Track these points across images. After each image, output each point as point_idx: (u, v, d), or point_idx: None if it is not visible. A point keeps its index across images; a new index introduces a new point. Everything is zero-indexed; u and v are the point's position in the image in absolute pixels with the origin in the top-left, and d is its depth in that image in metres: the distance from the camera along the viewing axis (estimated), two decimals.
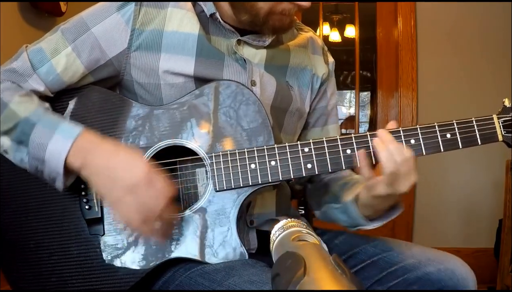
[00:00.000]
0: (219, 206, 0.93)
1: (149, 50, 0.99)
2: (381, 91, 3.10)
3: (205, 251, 0.92)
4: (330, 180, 1.14)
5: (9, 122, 0.90)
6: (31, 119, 0.90)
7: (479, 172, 2.79)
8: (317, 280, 0.42)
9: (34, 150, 0.88)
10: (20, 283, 0.97)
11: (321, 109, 1.19)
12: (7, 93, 0.92)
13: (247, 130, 0.94)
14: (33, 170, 0.91)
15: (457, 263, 0.96)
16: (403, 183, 0.88)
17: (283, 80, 1.09)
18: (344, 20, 4.79)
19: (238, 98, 0.95)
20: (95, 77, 1.01)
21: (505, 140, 0.94)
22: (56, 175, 0.89)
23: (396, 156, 0.88)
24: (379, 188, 0.90)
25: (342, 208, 1.02)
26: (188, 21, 1.00)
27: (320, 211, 1.13)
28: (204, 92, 0.96)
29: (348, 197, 1.00)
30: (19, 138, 0.89)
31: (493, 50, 2.82)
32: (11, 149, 0.91)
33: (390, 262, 0.99)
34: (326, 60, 1.19)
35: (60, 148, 0.87)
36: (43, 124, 0.89)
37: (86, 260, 0.94)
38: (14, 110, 0.90)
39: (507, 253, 2.26)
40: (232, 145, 0.94)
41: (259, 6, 0.96)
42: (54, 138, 0.88)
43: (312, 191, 1.19)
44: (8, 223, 0.98)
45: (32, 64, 0.96)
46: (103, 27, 0.98)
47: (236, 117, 0.95)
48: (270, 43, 1.06)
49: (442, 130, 0.93)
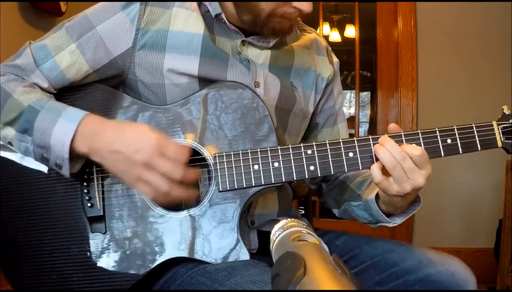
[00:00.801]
0: (221, 206, 0.93)
1: (154, 50, 0.99)
2: (381, 91, 3.10)
3: (207, 251, 0.92)
4: (346, 178, 1.14)
5: (13, 112, 0.90)
6: (34, 107, 0.90)
7: (479, 172, 2.79)
8: (317, 280, 0.42)
9: (39, 137, 0.88)
10: (20, 280, 0.97)
11: (329, 109, 1.20)
12: (10, 84, 0.93)
13: (251, 132, 0.95)
14: (38, 158, 0.91)
15: (457, 265, 0.96)
16: (415, 178, 0.88)
17: (287, 81, 1.09)
18: (344, 20, 4.79)
19: (242, 100, 0.95)
20: (99, 75, 1.01)
21: (504, 147, 0.96)
22: (62, 160, 0.89)
23: (395, 153, 0.88)
24: (392, 188, 0.90)
25: (363, 206, 1.03)
26: (193, 21, 1.00)
27: (340, 209, 1.15)
28: (208, 93, 0.96)
29: (368, 195, 1.01)
30: (24, 127, 0.89)
31: (493, 50, 2.82)
32: (15, 139, 0.91)
33: (391, 264, 1.00)
34: (330, 60, 1.20)
35: (65, 131, 0.87)
36: (47, 111, 0.89)
37: (87, 258, 0.94)
38: (18, 99, 0.91)
39: (507, 253, 2.26)
40: (235, 146, 0.94)
41: (261, 7, 0.96)
42: (59, 123, 0.88)
43: (328, 190, 1.20)
44: (9, 220, 0.98)
45: (36, 60, 0.96)
46: (107, 26, 0.98)
47: (239, 119, 0.95)
48: (274, 44, 1.06)
49: (443, 135, 0.94)
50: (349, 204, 1.09)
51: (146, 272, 0.92)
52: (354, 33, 3.85)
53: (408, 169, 0.88)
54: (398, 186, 0.89)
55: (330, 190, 1.19)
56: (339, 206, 1.15)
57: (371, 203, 0.99)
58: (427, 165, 0.90)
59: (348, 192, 1.11)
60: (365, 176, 1.10)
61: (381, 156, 0.90)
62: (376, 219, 1.01)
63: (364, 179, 1.10)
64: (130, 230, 0.94)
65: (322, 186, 1.22)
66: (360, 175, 1.12)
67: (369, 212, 1.02)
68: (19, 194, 0.98)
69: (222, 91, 0.96)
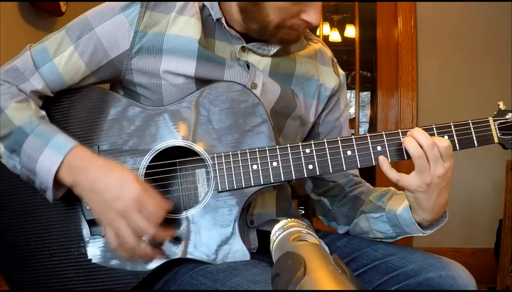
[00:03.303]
0: (220, 207, 0.93)
1: (151, 53, 0.99)
2: (381, 91, 3.10)
3: (207, 251, 0.92)
4: (360, 194, 1.12)
5: (4, 129, 0.90)
6: (24, 129, 0.89)
7: (479, 172, 2.79)
8: (317, 280, 0.42)
9: (26, 161, 0.88)
10: (20, 284, 0.97)
11: (334, 121, 1.18)
12: (4, 98, 0.92)
13: (248, 131, 0.94)
14: (25, 178, 0.91)
15: (458, 270, 0.96)
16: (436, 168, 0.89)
17: (288, 88, 1.08)
18: (344, 20, 4.79)
19: (239, 100, 0.95)
20: (97, 77, 1.01)
21: (500, 142, 0.97)
22: (46, 187, 0.89)
23: (424, 140, 0.89)
24: (413, 182, 0.90)
25: (386, 217, 1.01)
26: (190, 27, 1.00)
27: (351, 224, 1.11)
28: (204, 93, 0.96)
29: (395, 206, 1.00)
30: (12, 147, 0.90)
31: (493, 50, 2.82)
32: (4, 155, 0.92)
33: (392, 267, 0.99)
34: (336, 72, 1.18)
35: (50, 163, 0.87)
36: (35, 136, 0.89)
37: (87, 261, 0.94)
38: (10, 117, 0.90)
39: (507, 253, 2.26)
40: (233, 146, 0.94)
41: (270, 19, 0.96)
42: (45, 152, 0.88)
43: (338, 207, 1.15)
44: (8, 224, 0.98)
45: (35, 62, 0.96)
46: (106, 27, 0.98)
47: (237, 118, 0.95)
48: (276, 52, 1.05)
49: (440, 132, 0.94)
50: (369, 216, 1.06)
51: (146, 274, 0.92)
52: (354, 33, 3.85)
53: (434, 157, 0.88)
54: (419, 178, 0.89)
55: (341, 206, 1.15)
56: (351, 220, 1.11)
57: (403, 211, 0.97)
58: (450, 159, 0.90)
59: (366, 205, 1.08)
60: (383, 190, 1.09)
61: (408, 144, 0.90)
62: (401, 229, 0.99)
63: (384, 192, 1.08)
64: None
65: (325, 203, 1.18)
66: (377, 190, 1.11)
67: (393, 224, 1.00)
68: (18, 197, 0.98)
69: (219, 91, 0.95)
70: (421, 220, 0.96)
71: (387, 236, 1.04)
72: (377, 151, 0.94)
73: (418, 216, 0.96)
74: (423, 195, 0.91)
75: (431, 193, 0.91)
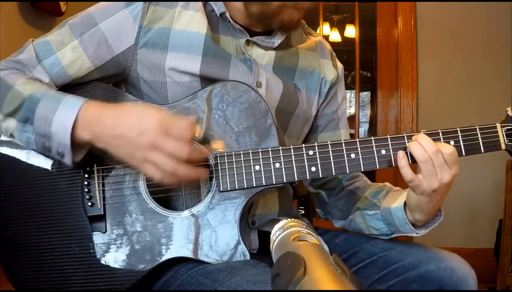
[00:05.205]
0: (222, 207, 0.93)
1: (156, 48, 0.99)
2: (381, 91, 3.10)
3: (207, 251, 0.92)
4: (356, 189, 1.12)
5: (14, 102, 0.90)
6: (35, 95, 0.89)
7: (480, 172, 2.79)
8: (317, 280, 0.42)
9: (40, 125, 0.88)
10: (21, 279, 0.97)
11: (331, 114, 1.19)
12: (11, 76, 0.93)
13: (252, 132, 0.95)
14: (40, 147, 0.90)
15: (457, 262, 0.96)
16: (443, 174, 0.88)
17: (290, 83, 1.09)
18: (344, 20, 4.80)
19: (244, 99, 0.95)
20: (101, 73, 1.01)
21: (508, 149, 0.95)
22: (64, 148, 0.88)
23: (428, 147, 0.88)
24: (421, 185, 0.89)
25: (380, 215, 1.01)
26: (196, 21, 1.00)
27: (347, 219, 1.11)
28: (209, 92, 0.96)
29: (389, 204, 0.99)
30: (25, 116, 0.89)
31: (493, 50, 2.82)
32: (17, 130, 0.90)
33: (390, 261, 0.99)
34: (334, 65, 1.19)
35: (66, 118, 0.86)
36: (47, 99, 0.89)
37: (87, 257, 0.94)
38: (19, 90, 0.90)
39: (507, 253, 2.26)
40: (236, 146, 0.94)
41: None
42: (59, 110, 0.87)
43: (334, 201, 1.16)
44: (9, 219, 0.98)
45: (38, 55, 0.97)
46: (110, 23, 0.98)
47: (241, 118, 0.95)
48: (279, 45, 1.06)
49: (446, 137, 0.93)
50: (364, 213, 1.06)
51: (146, 271, 0.92)
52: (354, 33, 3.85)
53: (439, 163, 0.88)
54: (426, 182, 0.89)
55: (337, 200, 1.16)
56: (346, 216, 1.12)
57: (396, 210, 0.97)
58: (455, 165, 0.89)
59: (361, 201, 1.09)
60: (379, 186, 1.09)
61: (414, 149, 0.89)
62: (396, 228, 0.99)
63: (379, 189, 1.08)
64: (130, 229, 0.94)
65: (323, 196, 1.19)
66: (373, 186, 1.11)
67: (388, 222, 1.00)
68: (19, 192, 0.98)
69: (224, 91, 0.96)
70: (414, 220, 0.96)
71: (382, 233, 1.04)
72: (381, 154, 0.93)
73: (412, 217, 0.95)
74: (426, 198, 0.91)
75: (434, 198, 0.91)
